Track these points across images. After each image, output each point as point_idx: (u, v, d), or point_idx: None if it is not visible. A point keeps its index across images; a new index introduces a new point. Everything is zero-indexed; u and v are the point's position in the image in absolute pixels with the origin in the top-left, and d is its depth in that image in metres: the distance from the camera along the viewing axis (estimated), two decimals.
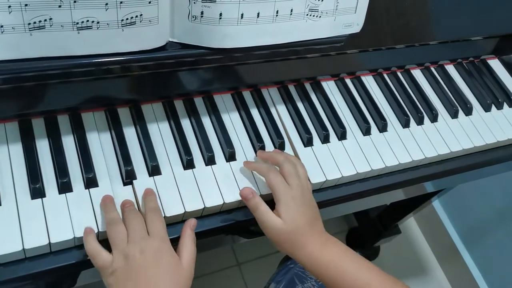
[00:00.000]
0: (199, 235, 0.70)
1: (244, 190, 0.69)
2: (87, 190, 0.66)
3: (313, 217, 0.69)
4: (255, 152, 0.77)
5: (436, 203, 1.75)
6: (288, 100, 0.85)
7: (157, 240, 0.62)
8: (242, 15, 0.65)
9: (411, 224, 1.86)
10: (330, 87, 0.90)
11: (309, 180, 0.75)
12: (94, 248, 0.61)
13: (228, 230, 0.75)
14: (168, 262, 0.61)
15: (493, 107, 0.98)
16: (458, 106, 0.95)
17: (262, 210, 0.67)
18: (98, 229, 0.63)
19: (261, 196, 0.70)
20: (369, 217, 1.64)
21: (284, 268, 0.92)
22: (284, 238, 0.67)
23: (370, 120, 0.87)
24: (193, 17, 0.63)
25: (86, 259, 0.64)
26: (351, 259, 0.67)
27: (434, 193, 1.33)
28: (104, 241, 0.62)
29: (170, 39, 0.65)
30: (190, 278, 0.63)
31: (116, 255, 0.60)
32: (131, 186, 0.69)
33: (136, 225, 0.62)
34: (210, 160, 0.74)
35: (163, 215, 0.66)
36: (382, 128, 0.86)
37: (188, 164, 0.72)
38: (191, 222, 0.66)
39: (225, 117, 0.79)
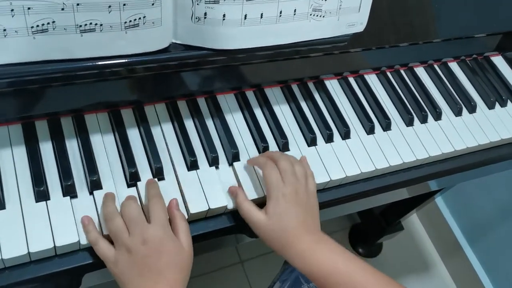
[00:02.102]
0: (203, 237, 0.71)
1: (230, 188, 0.71)
2: (91, 192, 0.66)
3: (306, 216, 0.68)
4: (259, 152, 0.77)
5: (439, 200, 1.75)
6: (291, 99, 0.84)
7: (158, 228, 0.62)
8: (245, 16, 0.64)
9: (414, 220, 1.86)
10: (333, 86, 0.90)
11: (312, 179, 0.73)
12: (95, 237, 0.62)
13: (232, 230, 0.75)
14: (171, 249, 0.62)
15: (497, 105, 0.98)
16: (461, 104, 0.94)
17: (245, 207, 0.68)
18: (102, 232, 0.63)
19: (266, 197, 0.70)
20: (372, 213, 1.64)
21: (289, 267, 0.91)
22: (270, 235, 0.67)
23: (374, 119, 0.87)
24: (196, 18, 0.63)
25: (90, 261, 0.64)
26: (345, 259, 0.65)
27: (437, 190, 1.33)
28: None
29: (174, 41, 0.65)
30: (191, 257, 0.64)
31: (118, 248, 0.61)
32: (135, 188, 0.69)
33: (135, 214, 0.62)
34: (214, 161, 0.73)
35: None
36: (386, 127, 0.86)
37: (192, 165, 0.72)
38: (174, 202, 0.67)
39: (228, 118, 0.79)
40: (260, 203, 0.70)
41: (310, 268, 0.65)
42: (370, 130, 0.85)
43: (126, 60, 0.62)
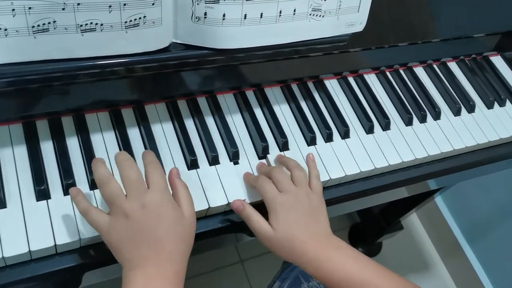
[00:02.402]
0: (204, 235, 0.71)
1: (234, 202, 0.68)
2: (92, 191, 0.66)
3: (310, 221, 0.67)
4: (259, 152, 0.77)
5: (438, 199, 1.76)
6: (291, 99, 0.85)
7: (157, 193, 0.59)
8: (245, 15, 0.65)
9: (413, 220, 1.86)
10: (333, 85, 0.90)
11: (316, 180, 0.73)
12: (85, 206, 0.59)
13: (232, 229, 0.75)
14: (171, 216, 0.59)
15: (496, 104, 0.98)
16: (460, 103, 0.95)
17: (254, 220, 0.66)
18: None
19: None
20: (371, 213, 1.64)
21: (289, 266, 0.92)
22: (277, 246, 0.65)
23: (373, 118, 0.87)
24: (196, 18, 0.63)
25: (91, 260, 0.64)
26: (357, 262, 0.65)
27: (437, 189, 1.33)
28: None
29: (174, 40, 0.65)
30: (194, 226, 0.62)
31: (114, 214, 0.57)
32: None
33: (133, 177, 0.58)
34: (214, 160, 0.74)
35: None
36: (385, 126, 0.86)
37: (192, 164, 0.72)
38: (174, 170, 0.65)
39: (228, 117, 0.79)
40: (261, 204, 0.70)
41: (324, 276, 0.64)
42: (369, 130, 0.85)
43: (127, 60, 0.63)
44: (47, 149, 0.68)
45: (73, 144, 0.70)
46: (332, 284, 0.64)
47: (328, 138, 0.82)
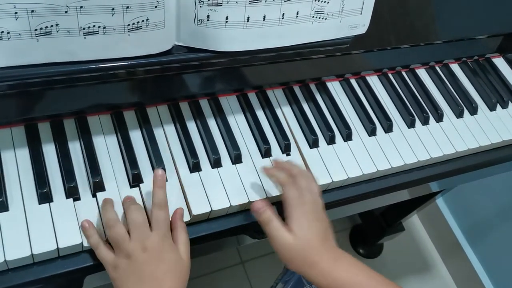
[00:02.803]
0: (206, 238, 0.71)
1: (257, 203, 0.68)
2: (94, 194, 0.66)
3: (325, 233, 0.67)
4: (261, 154, 0.77)
5: (439, 200, 1.76)
6: (293, 101, 0.85)
7: (159, 237, 0.62)
8: (248, 18, 0.64)
9: (414, 221, 1.86)
10: (335, 87, 0.90)
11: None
12: (96, 241, 0.62)
13: (234, 231, 0.75)
14: (170, 258, 0.62)
15: (498, 106, 0.98)
16: (463, 105, 0.94)
17: (275, 225, 0.65)
18: (105, 234, 0.64)
19: (268, 198, 0.71)
20: (372, 214, 1.64)
21: None
22: (294, 255, 0.65)
23: (376, 120, 0.87)
24: (199, 20, 0.63)
25: (93, 263, 0.64)
26: (367, 275, 0.65)
27: (438, 191, 1.33)
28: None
29: (176, 43, 0.65)
30: (189, 268, 0.65)
31: (118, 253, 0.61)
32: (138, 189, 0.69)
33: (138, 221, 0.62)
34: (216, 163, 0.73)
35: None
36: (388, 128, 0.86)
37: (194, 166, 0.72)
38: (180, 212, 0.67)
39: (230, 119, 0.79)
40: None
41: (332, 287, 0.64)
42: (371, 132, 0.85)
43: (129, 63, 0.62)
44: (49, 151, 0.68)
45: (75, 147, 0.70)
46: None
47: (331, 140, 0.82)
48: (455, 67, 1.02)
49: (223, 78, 0.78)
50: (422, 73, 0.99)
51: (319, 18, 0.70)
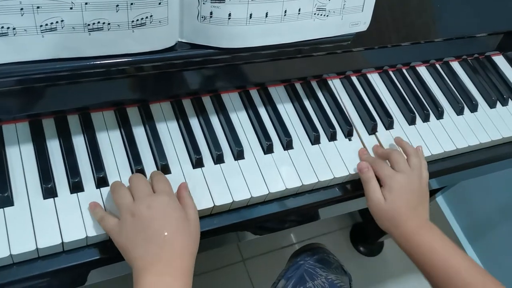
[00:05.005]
0: (208, 234, 0.71)
1: (362, 163, 0.77)
2: (98, 189, 0.67)
3: (417, 203, 0.74)
4: (263, 150, 0.77)
5: (439, 199, 1.76)
6: (295, 98, 0.85)
7: (163, 195, 0.62)
8: (250, 15, 0.65)
9: None
10: (336, 85, 0.90)
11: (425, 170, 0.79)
12: (101, 214, 0.62)
13: (236, 227, 0.76)
14: (177, 215, 0.61)
15: (498, 104, 0.98)
16: (463, 102, 0.95)
17: (372, 185, 0.75)
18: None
19: (270, 194, 0.71)
20: None
21: (294, 264, 0.92)
22: (383, 214, 0.74)
23: (377, 117, 0.87)
24: (202, 17, 0.64)
25: (97, 257, 0.65)
26: (444, 244, 0.70)
27: (438, 189, 1.34)
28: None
29: (180, 40, 0.66)
30: (199, 232, 0.64)
31: (123, 215, 0.60)
32: None
33: (141, 184, 0.63)
34: (218, 159, 0.74)
35: None
36: (388, 125, 0.87)
37: (197, 162, 0.73)
38: (183, 184, 0.67)
39: (233, 116, 0.80)
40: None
41: (411, 249, 0.72)
42: (372, 129, 0.85)
43: (133, 59, 0.63)
44: (54, 147, 0.69)
45: (79, 143, 0.70)
46: (417, 259, 0.71)
47: (332, 137, 0.82)
48: (456, 65, 1.03)
49: (225, 75, 0.79)
50: (422, 70, 0.99)
51: (321, 15, 0.70)
